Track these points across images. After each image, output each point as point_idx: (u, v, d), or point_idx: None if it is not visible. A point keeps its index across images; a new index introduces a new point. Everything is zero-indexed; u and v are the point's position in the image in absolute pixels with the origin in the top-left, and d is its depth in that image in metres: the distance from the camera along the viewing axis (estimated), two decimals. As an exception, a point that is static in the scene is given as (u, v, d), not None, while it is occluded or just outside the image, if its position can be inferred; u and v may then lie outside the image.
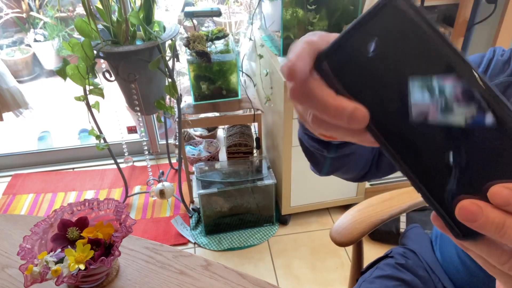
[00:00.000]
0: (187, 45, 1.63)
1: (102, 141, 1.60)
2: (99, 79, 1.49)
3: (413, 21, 0.25)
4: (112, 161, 1.85)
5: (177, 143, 1.94)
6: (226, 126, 2.06)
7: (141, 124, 2.20)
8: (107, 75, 1.50)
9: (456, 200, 0.25)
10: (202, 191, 1.73)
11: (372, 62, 0.26)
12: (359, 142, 0.31)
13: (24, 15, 3.08)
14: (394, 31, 0.25)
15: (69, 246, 0.72)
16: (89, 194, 2.14)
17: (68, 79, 1.40)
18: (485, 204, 0.24)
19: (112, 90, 1.71)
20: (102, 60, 1.52)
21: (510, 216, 0.23)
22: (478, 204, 0.24)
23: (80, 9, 2.97)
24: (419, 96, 0.25)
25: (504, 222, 0.23)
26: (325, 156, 0.56)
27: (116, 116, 1.89)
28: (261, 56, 1.74)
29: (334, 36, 0.29)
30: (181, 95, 1.61)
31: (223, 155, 2.05)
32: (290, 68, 0.28)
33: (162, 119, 1.87)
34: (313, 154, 0.59)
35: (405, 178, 0.27)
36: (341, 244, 0.94)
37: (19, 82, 2.44)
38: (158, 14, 1.64)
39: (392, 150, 0.27)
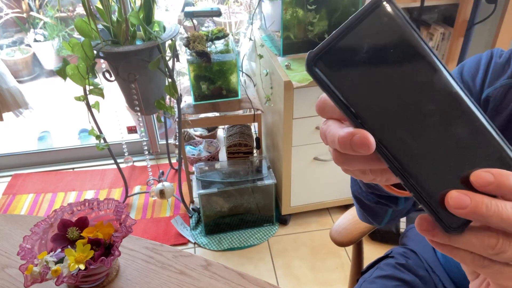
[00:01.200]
0: (187, 45, 1.63)
1: (102, 141, 1.60)
2: (99, 79, 1.49)
3: (400, 24, 0.27)
4: (112, 161, 1.85)
5: (177, 143, 1.94)
6: (226, 126, 2.06)
7: (141, 124, 2.20)
8: (107, 75, 1.50)
9: (442, 196, 0.27)
10: (202, 191, 1.73)
11: (361, 65, 0.27)
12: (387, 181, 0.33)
13: (24, 15, 3.08)
14: (383, 34, 0.27)
15: (69, 246, 0.72)
16: (89, 194, 2.14)
17: (68, 79, 1.40)
18: (469, 191, 0.26)
19: (112, 90, 1.71)
20: (102, 60, 1.52)
21: (496, 199, 0.26)
22: (464, 192, 0.26)
23: (80, 9, 2.97)
24: (408, 98, 0.27)
25: (490, 201, 0.26)
26: (387, 209, 0.60)
27: (116, 116, 1.89)
28: (261, 56, 1.74)
29: None
30: (181, 95, 1.61)
31: (223, 155, 2.05)
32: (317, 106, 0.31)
33: (162, 119, 1.87)
34: (373, 209, 0.62)
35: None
36: (341, 244, 0.94)
37: (19, 82, 2.44)
38: (158, 14, 1.63)
39: (390, 157, 0.28)
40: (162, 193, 1.75)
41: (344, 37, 0.27)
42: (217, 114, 1.85)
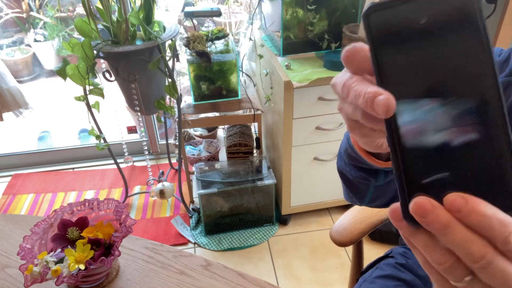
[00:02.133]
0: (187, 45, 1.63)
1: (102, 141, 1.60)
2: (99, 79, 1.49)
3: (469, 13, 0.26)
4: (112, 161, 1.85)
5: (177, 143, 1.94)
6: (226, 126, 2.06)
7: (141, 124, 2.20)
8: (107, 75, 1.50)
9: (416, 189, 0.27)
10: (202, 191, 1.73)
11: (412, 34, 0.27)
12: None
13: (24, 15, 3.08)
14: (444, 15, 0.26)
15: (69, 246, 0.72)
16: (89, 194, 2.14)
17: (68, 79, 1.40)
18: (439, 205, 0.25)
19: (112, 90, 1.71)
20: (102, 60, 1.52)
21: (457, 222, 0.25)
22: (433, 203, 0.25)
23: (80, 9, 2.97)
24: (441, 85, 0.26)
25: (449, 224, 0.25)
26: (369, 185, 0.59)
27: (116, 116, 1.89)
28: (261, 56, 1.74)
29: None
30: (181, 95, 1.61)
31: (223, 155, 2.05)
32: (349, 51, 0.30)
33: (162, 119, 1.87)
34: (355, 185, 0.61)
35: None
36: (341, 244, 0.94)
37: (19, 82, 2.44)
38: (158, 14, 1.63)
39: (394, 128, 0.27)
40: (162, 193, 1.75)
41: (409, 2, 0.27)
42: (217, 114, 1.85)
